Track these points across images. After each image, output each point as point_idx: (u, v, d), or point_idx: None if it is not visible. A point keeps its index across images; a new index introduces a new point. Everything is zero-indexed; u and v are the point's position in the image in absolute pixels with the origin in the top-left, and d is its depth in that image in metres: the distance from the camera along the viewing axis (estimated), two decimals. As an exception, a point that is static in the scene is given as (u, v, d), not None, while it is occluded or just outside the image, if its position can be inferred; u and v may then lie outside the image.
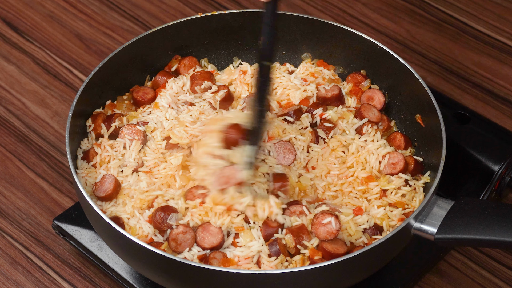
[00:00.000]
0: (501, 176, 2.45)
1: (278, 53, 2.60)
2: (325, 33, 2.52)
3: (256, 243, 2.14)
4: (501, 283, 2.43)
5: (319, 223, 2.13)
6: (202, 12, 2.82)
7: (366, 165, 2.31)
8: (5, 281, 2.41)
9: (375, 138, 2.36)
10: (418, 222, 2.10)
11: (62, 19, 3.09)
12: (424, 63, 2.97)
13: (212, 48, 2.59)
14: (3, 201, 2.58)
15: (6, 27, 3.06)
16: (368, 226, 2.19)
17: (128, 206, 2.21)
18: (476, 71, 2.95)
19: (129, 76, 2.50)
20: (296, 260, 2.13)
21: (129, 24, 3.08)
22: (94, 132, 2.38)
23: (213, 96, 2.41)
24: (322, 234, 2.13)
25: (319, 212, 2.15)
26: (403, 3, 3.16)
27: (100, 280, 2.41)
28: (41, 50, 2.98)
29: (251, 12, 2.53)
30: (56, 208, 2.56)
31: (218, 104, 2.39)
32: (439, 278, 2.43)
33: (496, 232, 2.02)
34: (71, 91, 2.87)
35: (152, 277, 2.18)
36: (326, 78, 2.50)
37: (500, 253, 2.48)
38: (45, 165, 2.66)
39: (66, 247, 2.48)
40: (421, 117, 2.38)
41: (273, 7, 2.12)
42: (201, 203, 2.18)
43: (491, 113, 2.83)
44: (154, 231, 2.18)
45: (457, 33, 3.07)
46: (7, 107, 2.81)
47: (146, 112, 2.44)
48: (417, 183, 2.29)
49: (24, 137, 2.73)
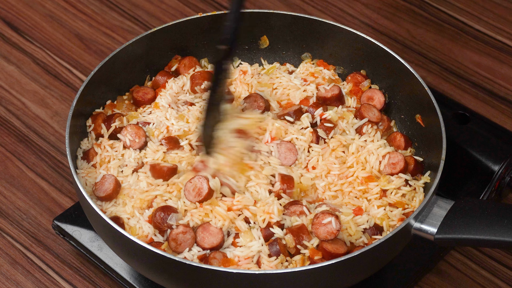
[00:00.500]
0: (501, 176, 2.45)
1: (278, 53, 2.60)
2: (325, 33, 2.52)
3: (256, 243, 2.14)
4: (501, 283, 2.43)
5: (319, 223, 2.13)
6: (202, 12, 2.82)
7: (366, 165, 2.30)
8: (5, 281, 2.41)
9: (375, 138, 2.36)
10: (418, 222, 2.10)
11: (62, 19, 3.09)
12: (424, 63, 2.97)
13: (212, 48, 2.59)
14: (3, 201, 2.58)
15: (6, 27, 3.06)
16: (368, 226, 2.19)
17: (128, 206, 2.21)
18: (476, 71, 2.95)
19: (129, 76, 2.50)
20: (296, 260, 2.13)
21: (129, 24, 3.08)
22: (94, 132, 2.38)
23: (213, 96, 2.41)
24: (322, 234, 2.13)
25: (319, 212, 2.15)
26: (403, 3, 3.16)
27: (100, 280, 2.41)
28: (41, 50, 2.98)
29: (251, 12, 2.53)
30: (56, 208, 2.56)
31: (218, 104, 2.40)
32: (439, 278, 2.43)
33: (496, 232, 2.02)
34: (71, 91, 2.87)
35: (152, 277, 2.18)
36: (326, 78, 2.50)
37: (500, 253, 2.48)
38: (45, 165, 2.66)
39: (66, 247, 2.47)
40: (421, 117, 2.38)
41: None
42: (201, 205, 2.18)
43: (491, 113, 2.83)
44: (154, 231, 2.18)
45: (457, 33, 3.07)
46: (7, 107, 2.81)
47: (146, 112, 2.44)
48: (417, 183, 2.29)
49: (24, 137, 2.74)
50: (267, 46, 2.60)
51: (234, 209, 2.17)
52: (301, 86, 2.45)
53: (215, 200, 2.19)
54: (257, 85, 2.45)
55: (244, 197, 2.18)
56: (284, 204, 2.20)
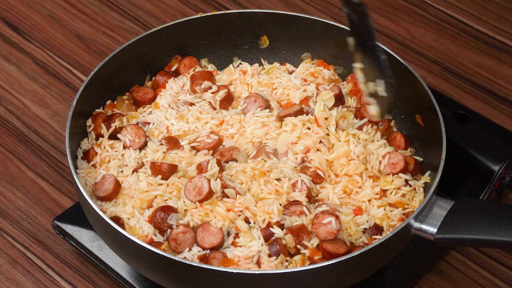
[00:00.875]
0: (501, 176, 2.45)
1: (278, 53, 2.60)
2: (325, 33, 2.52)
3: (256, 243, 2.14)
4: (501, 283, 2.43)
5: (319, 223, 2.13)
6: (202, 12, 2.82)
7: (366, 165, 2.30)
8: (5, 281, 2.41)
9: (375, 138, 2.36)
10: (418, 222, 2.10)
11: (62, 19, 3.09)
12: (424, 63, 2.97)
13: (212, 48, 2.59)
14: (3, 201, 2.58)
15: (6, 27, 3.06)
16: (368, 226, 2.19)
17: (128, 206, 2.21)
18: (476, 71, 2.95)
19: (129, 76, 2.50)
20: (296, 260, 2.13)
21: (129, 24, 3.08)
22: (94, 132, 2.38)
23: (213, 96, 2.41)
24: (322, 234, 2.13)
25: (319, 212, 2.15)
26: (403, 3, 3.16)
27: (100, 280, 2.41)
28: (41, 50, 2.98)
29: (251, 12, 2.53)
30: (56, 208, 2.56)
31: (218, 104, 2.40)
32: (439, 278, 2.43)
33: (496, 232, 2.02)
34: (71, 91, 2.87)
35: (152, 277, 2.18)
36: (326, 78, 2.50)
37: (500, 253, 2.48)
38: (45, 165, 2.66)
39: (66, 247, 2.47)
40: (421, 117, 2.38)
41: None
42: (201, 204, 2.18)
43: (491, 113, 2.83)
44: (154, 231, 2.18)
45: (457, 33, 3.07)
46: (7, 107, 2.81)
47: (146, 112, 2.44)
48: (417, 183, 2.29)
49: (24, 137, 2.74)
50: (267, 46, 2.60)
51: (235, 210, 2.17)
52: (301, 86, 2.45)
53: (215, 200, 2.19)
54: (257, 85, 2.45)
55: (246, 198, 2.18)
56: (284, 204, 2.20)
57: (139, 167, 2.29)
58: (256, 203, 2.18)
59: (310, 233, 2.16)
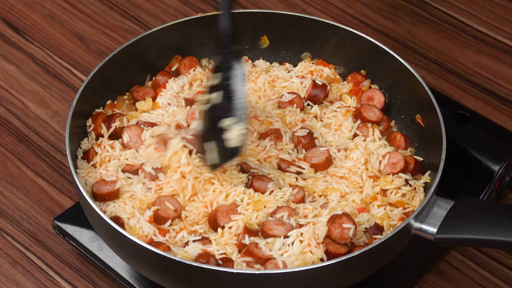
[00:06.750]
0: (501, 176, 2.45)
1: (278, 53, 2.60)
2: (325, 33, 2.52)
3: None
4: (501, 283, 2.43)
5: (340, 224, 2.11)
6: (202, 12, 2.82)
7: (367, 164, 2.31)
8: (5, 281, 2.41)
9: (375, 138, 2.36)
10: (418, 222, 2.10)
11: (62, 19, 3.09)
12: (424, 63, 2.97)
13: (212, 48, 2.59)
14: (3, 201, 2.58)
15: (6, 27, 3.06)
16: (369, 225, 2.19)
17: (128, 206, 2.21)
18: (476, 71, 2.95)
19: (129, 76, 2.50)
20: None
21: (129, 24, 3.08)
22: (94, 132, 2.38)
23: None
24: (336, 234, 2.10)
25: (344, 214, 2.13)
26: (403, 3, 3.16)
27: (100, 280, 2.41)
28: (41, 50, 2.98)
29: (251, 12, 2.53)
30: (56, 208, 2.56)
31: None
32: (439, 278, 2.43)
33: (496, 232, 2.02)
34: (71, 91, 2.87)
35: (152, 277, 2.18)
36: (324, 76, 2.50)
37: (500, 253, 2.48)
38: (45, 165, 2.66)
39: (66, 247, 2.48)
40: (421, 117, 2.38)
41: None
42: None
43: (491, 113, 2.83)
44: (154, 231, 2.18)
45: (457, 33, 3.07)
46: (7, 107, 2.82)
47: (146, 112, 2.44)
48: (417, 182, 2.29)
49: (24, 137, 2.74)
50: (267, 46, 2.60)
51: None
52: (300, 84, 2.46)
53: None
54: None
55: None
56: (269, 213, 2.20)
57: (139, 167, 2.29)
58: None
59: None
